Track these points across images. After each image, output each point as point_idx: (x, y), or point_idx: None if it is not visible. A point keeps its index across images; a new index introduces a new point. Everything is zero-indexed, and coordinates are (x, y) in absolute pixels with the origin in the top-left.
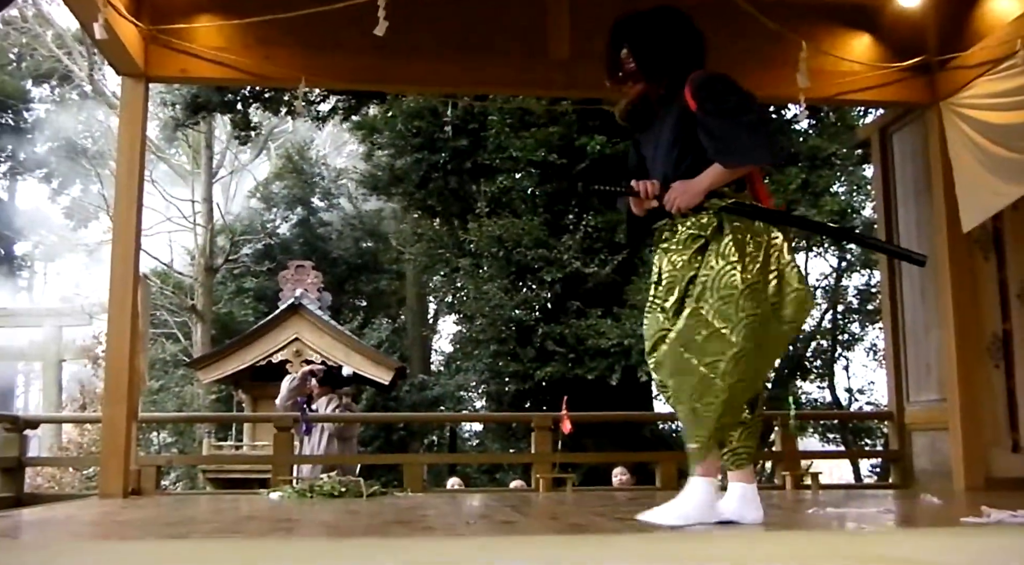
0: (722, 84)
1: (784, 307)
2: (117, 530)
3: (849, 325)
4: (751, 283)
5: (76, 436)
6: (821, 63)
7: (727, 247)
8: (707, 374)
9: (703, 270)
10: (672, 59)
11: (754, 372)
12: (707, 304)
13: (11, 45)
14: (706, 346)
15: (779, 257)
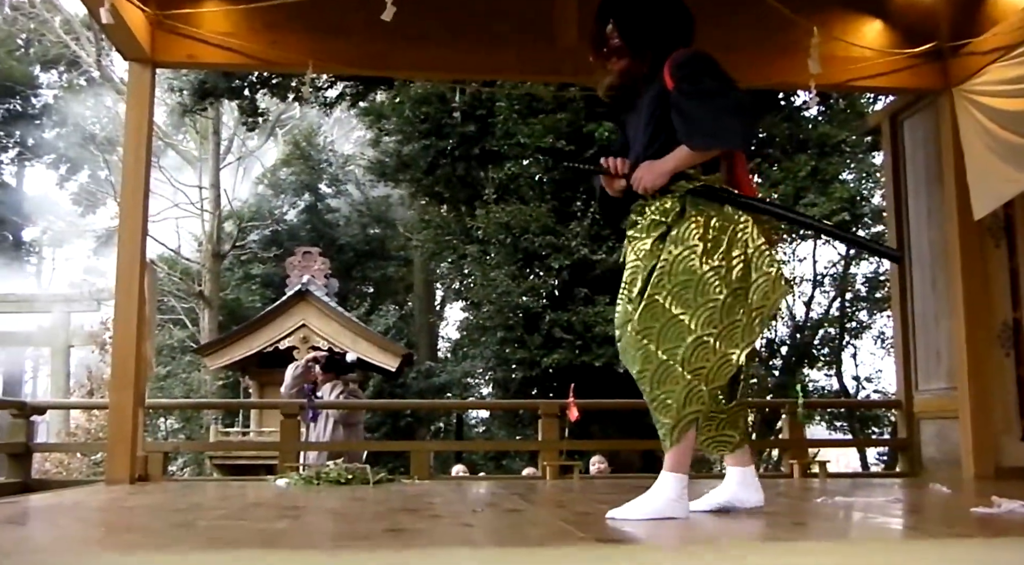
0: (701, 64)
1: (752, 293)
2: (124, 517)
3: (857, 313)
4: (713, 267)
5: (84, 422)
6: (832, 49)
7: (687, 232)
8: (666, 361)
9: (663, 256)
10: (657, 36)
11: (720, 360)
12: (665, 290)
13: (19, 31)
14: (665, 333)
15: (746, 241)
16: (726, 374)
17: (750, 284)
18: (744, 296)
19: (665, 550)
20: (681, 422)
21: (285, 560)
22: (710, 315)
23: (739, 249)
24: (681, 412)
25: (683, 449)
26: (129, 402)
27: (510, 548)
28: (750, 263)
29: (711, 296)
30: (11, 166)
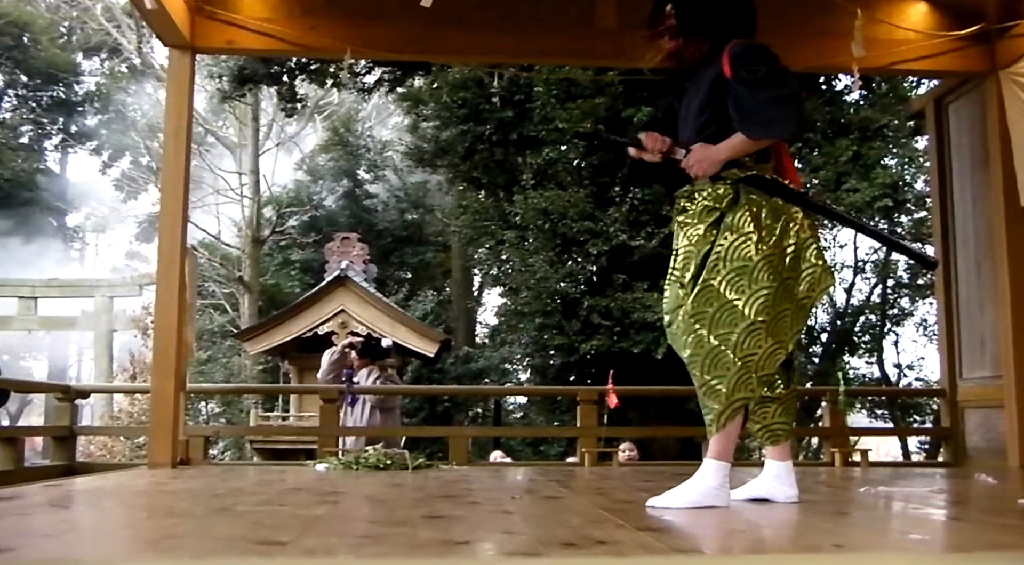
0: (760, 54)
1: (799, 283)
2: (165, 501)
3: (899, 300)
4: (766, 255)
5: (127, 405)
6: (876, 32)
7: (742, 219)
8: (718, 346)
9: (718, 242)
10: (716, 23)
11: (771, 347)
12: (720, 276)
13: (62, 18)
14: (718, 319)
15: (798, 231)
16: (776, 362)
17: (799, 274)
18: (793, 286)
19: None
20: (729, 408)
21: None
22: (764, 302)
23: (790, 239)
24: (730, 398)
25: (728, 437)
26: (171, 387)
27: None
28: (800, 253)
29: (764, 283)
30: (55, 153)
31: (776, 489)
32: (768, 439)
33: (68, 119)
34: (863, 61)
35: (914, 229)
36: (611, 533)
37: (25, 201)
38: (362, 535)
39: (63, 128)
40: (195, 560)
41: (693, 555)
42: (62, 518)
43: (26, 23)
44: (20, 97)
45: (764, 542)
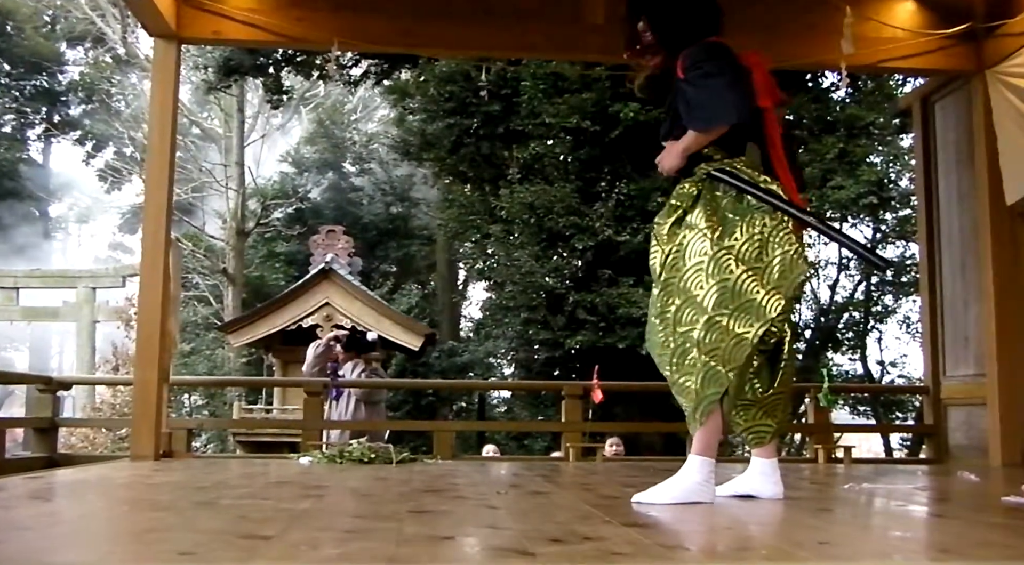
0: (705, 52)
1: (767, 272)
2: (149, 493)
3: (883, 297)
4: (725, 247)
5: (109, 397)
6: (863, 29)
7: (699, 215)
8: (683, 344)
9: (678, 240)
10: (688, 30)
11: (733, 339)
12: (679, 273)
13: (45, 7)
14: (680, 317)
15: (765, 221)
16: (743, 354)
17: (766, 263)
18: (760, 275)
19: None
20: (702, 403)
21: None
22: (721, 295)
23: (754, 228)
24: (701, 394)
25: (709, 432)
26: (154, 378)
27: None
28: (766, 242)
29: (723, 275)
30: (38, 143)
31: (762, 486)
32: (753, 440)
33: (51, 109)
34: (850, 58)
35: (899, 227)
36: (597, 529)
37: (7, 191)
38: (348, 529)
39: (46, 117)
40: (180, 554)
41: (679, 551)
42: (44, 511)
43: (9, 11)
44: (3, 86)
45: (749, 539)
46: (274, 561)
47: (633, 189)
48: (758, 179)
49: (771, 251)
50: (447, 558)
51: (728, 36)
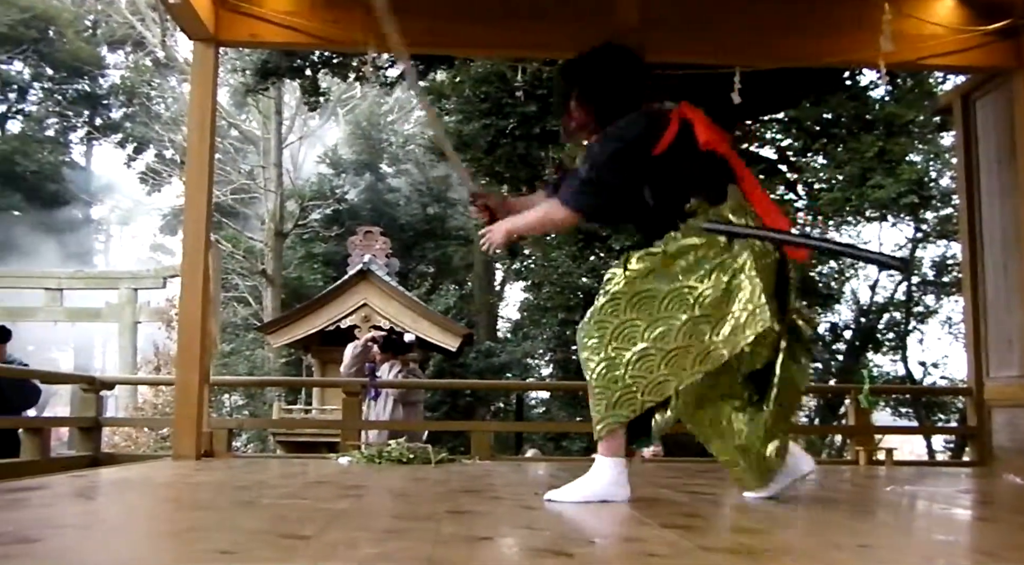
0: (613, 141)
1: (721, 323)
2: (190, 493)
3: (924, 297)
4: (687, 286)
5: (151, 397)
6: (903, 26)
7: (668, 245)
8: (613, 358)
9: (644, 264)
10: (620, 105)
11: (658, 376)
12: (631, 292)
13: (87, 12)
14: (619, 332)
15: (734, 271)
16: (662, 393)
17: (723, 314)
18: (711, 324)
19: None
20: (607, 419)
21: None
22: (664, 331)
23: (723, 276)
24: (611, 412)
25: (615, 439)
26: (195, 379)
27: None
28: (731, 293)
29: (671, 313)
30: (80, 145)
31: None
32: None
33: (93, 112)
34: (889, 56)
35: (939, 226)
36: (635, 530)
37: (51, 194)
38: (385, 529)
39: (88, 121)
40: (220, 553)
41: (717, 553)
42: (88, 509)
43: (52, 17)
44: (46, 90)
45: (789, 541)
46: (313, 560)
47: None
48: (750, 222)
49: (734, 303)
50: (484, 559)
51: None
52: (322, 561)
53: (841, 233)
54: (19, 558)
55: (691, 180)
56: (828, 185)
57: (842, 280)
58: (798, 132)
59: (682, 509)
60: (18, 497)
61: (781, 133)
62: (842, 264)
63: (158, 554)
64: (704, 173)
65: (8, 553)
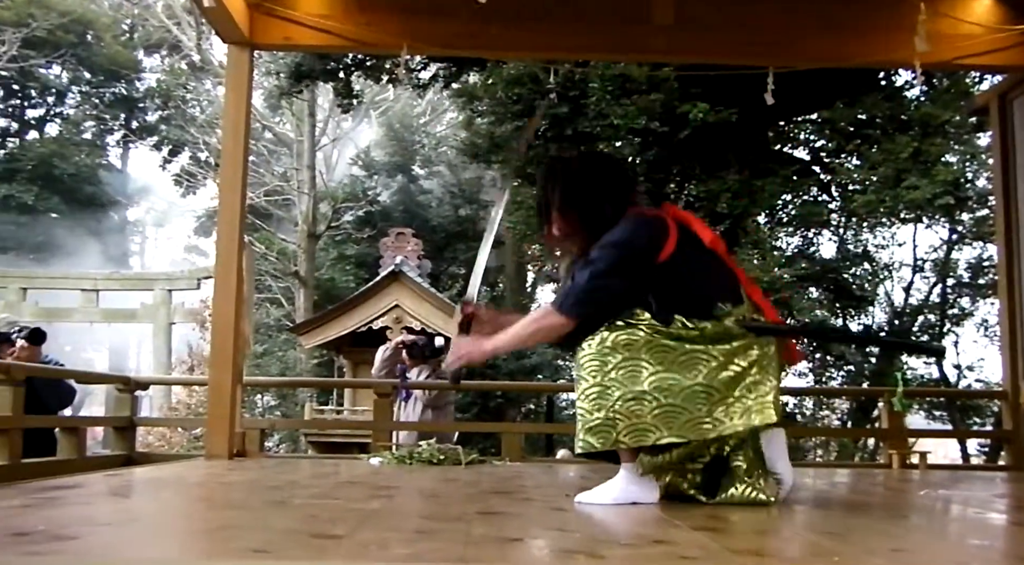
0: (611, 242)
1: (723, 403)
2: (222, 492)
3: (959, 299)
4: (708, 353)
5: (185, 397)
6: (939, 26)
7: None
8: (607, 387)
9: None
10: (605, 216)
11: (640, 427)
12: (655, 333)
13: (124, 16)
14: (622, 366)
15: (752, 361)
16: (638, 440)
17: (729, 395)
18: (713, 399)
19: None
20: (577, 442)
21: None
22: (669, 385)
23: (742, 362)
24: (582, 435)
25: (625, 451)
26: (228, 379)
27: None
28: (745, 381)
29: (682, 372)
30: (116, 148)
31: None
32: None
33: (130, 115)
34: (925, 56)
35: (975, 227)
36: (667, 533)
37: (88, 196)
38: (416, 530)
39: (125, 124)
40: (252, 552)
41: (749, 556)
42: (122, 507)
43: (90, 21)
44: (83, 94)
45: (821, 545)
46: (344, 560)
47: (701, 190)
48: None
49: (741, 390)
50: (515, 560)
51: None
52: (353, 561)
53: (875, 235)
54: (55, 555)
55: (698, 283)
56: (862, 186)
57: (876, 282)
58: (832, 133)
59: (711, 511)
60: (55, 495)
61: (814, 134)
62: (875, 266)
63: (192, 552)
64: (710, 274)
65: (44, 550)
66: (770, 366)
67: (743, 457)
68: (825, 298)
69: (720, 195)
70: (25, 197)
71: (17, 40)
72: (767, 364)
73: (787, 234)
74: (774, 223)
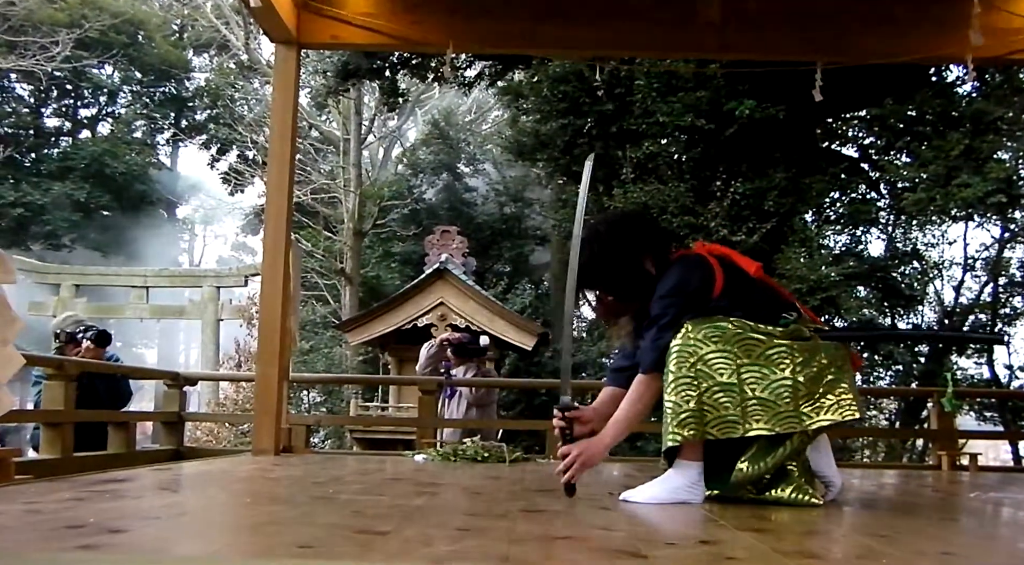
0: (667, 292)
1: (808, 395)
2: (268, 487)
3: (1011, 299)
4: (788, 348)
5: (232, 393)
6: (992, 20)
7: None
8: (695, 377)
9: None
10: (642, 276)
11: (728, 419)
12: (742, 327)
13: (174, 16)
14: (707, 358)
15: (831, 358)
16: (726, 432)
17: (813, 391)
18: (798, 393)
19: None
20: (668, 435)
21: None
22: (758, 378)
23: (824, 360)
24: (671, 428)
25: (690, 446)
26: (274, 375)
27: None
28: (825, 378)
29: (772, 364)
30: (166, 147)
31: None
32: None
33: (179, 114)
34: (977, 51)
35: None
36: (712, 532)
37: (139, 194)
38: (461, 527)
39: (174, 123)
40: (298, 547)
41: (796, 557)
42: (171, 502)
43: (141, 21)
44: (134, 93)
45: (870, 547)
46: (389, 556)
47: (748, 188)
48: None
49: (822, 387)
50: (560, 558)
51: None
52: (398, 557)
53: (925, 233)
54: (105, 548)
55: (755, 307)
56: (911, 184)
57: (925, 281)
58: (881, 130)
59: (757, 512)
60: (106, 489)
61: (863, 131)
62: (925, 264)
63: (239, 547)
64: (766, 297)
65: (96, 543)
66: (845, 365)
67: (797, 462)
68: (873, 297)
69: (767, 193)
70: (78, 195)
71: (71, 41)
72: (842, 364)
73: (835, 232)
74: (822, 221)
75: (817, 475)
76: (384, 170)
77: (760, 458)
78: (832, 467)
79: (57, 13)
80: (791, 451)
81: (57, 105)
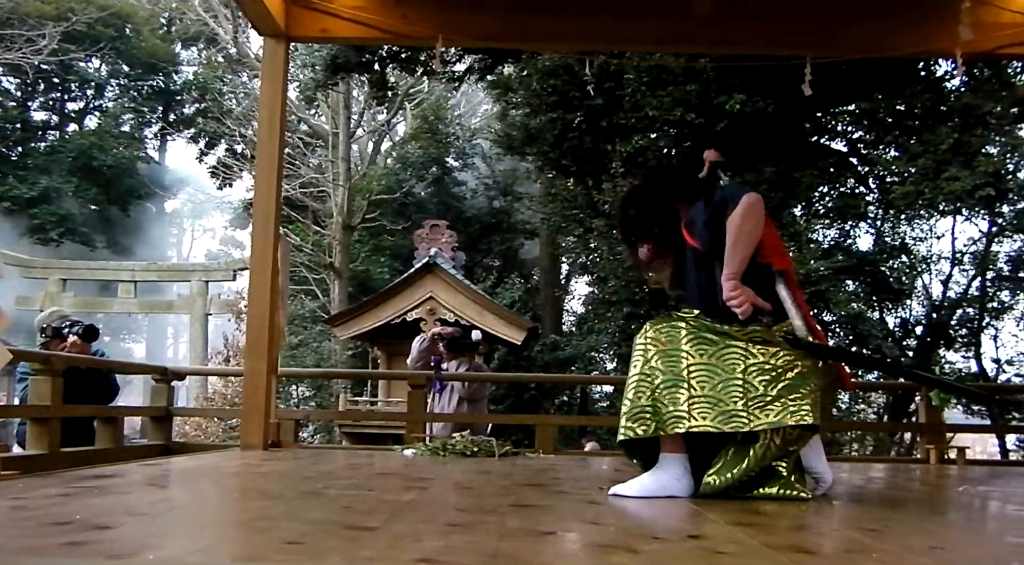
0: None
1: (759, 401)
2: (257, 482)
3: (999, 293)
4: (744, 348)
5: (221, 387)
6: (981, 15)
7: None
8: (648, 376)
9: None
10: (674, 214)
11: (675, 410)
12: (698, 323)
13: (162, 9)
14: (664, 353)
15: (798, 363)
16: (674, 428)
17: (765, 395)
18: (748, 395)
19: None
20: (620, 429)
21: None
22: (707, 376)
23: (779, 364)
24: (624, 422)
25: (668, 439)
26: (263, 370)
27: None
28: (777, 380)
29: (722, 364)
30: (154, 141)
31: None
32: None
33: (167, 108)
34: (966, 46)
35: (1016, 219)
36: (701, 527)
37: (127, 188)
38: (450, 522)
39: (162, 116)
40: (287, 543)
41: (784, 551)
42: (159, 497)
43: (129, 14)
44: (122, 86)
45: (859, 541)
46: (378, 552)
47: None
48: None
49: (779, 391)
50: (550, 553)
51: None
52: (388, 552)
53: (913, 227)
54: (93, 544)
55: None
56: (900, 178)
57: (913, 275)
58: (870, 124)
59: (746, 506)
60: (93, 485)
61: (852, 125)
62: (913, 258)
63: (228, 543)
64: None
65: (83, 540)
66: (812, 375)
67: (787, 461)
68: (862, 291)
69: (757, 186)
70: (65, 189)
71: (57, 34)
72: (807, 373)
73: (824, 226)
74: (810, 215)
75: (808, 471)
76: (373, 164)
77: (726, 470)
78: (823, 463)
79: (44, 6)
80: (755, 462)
81: (44, 98)
